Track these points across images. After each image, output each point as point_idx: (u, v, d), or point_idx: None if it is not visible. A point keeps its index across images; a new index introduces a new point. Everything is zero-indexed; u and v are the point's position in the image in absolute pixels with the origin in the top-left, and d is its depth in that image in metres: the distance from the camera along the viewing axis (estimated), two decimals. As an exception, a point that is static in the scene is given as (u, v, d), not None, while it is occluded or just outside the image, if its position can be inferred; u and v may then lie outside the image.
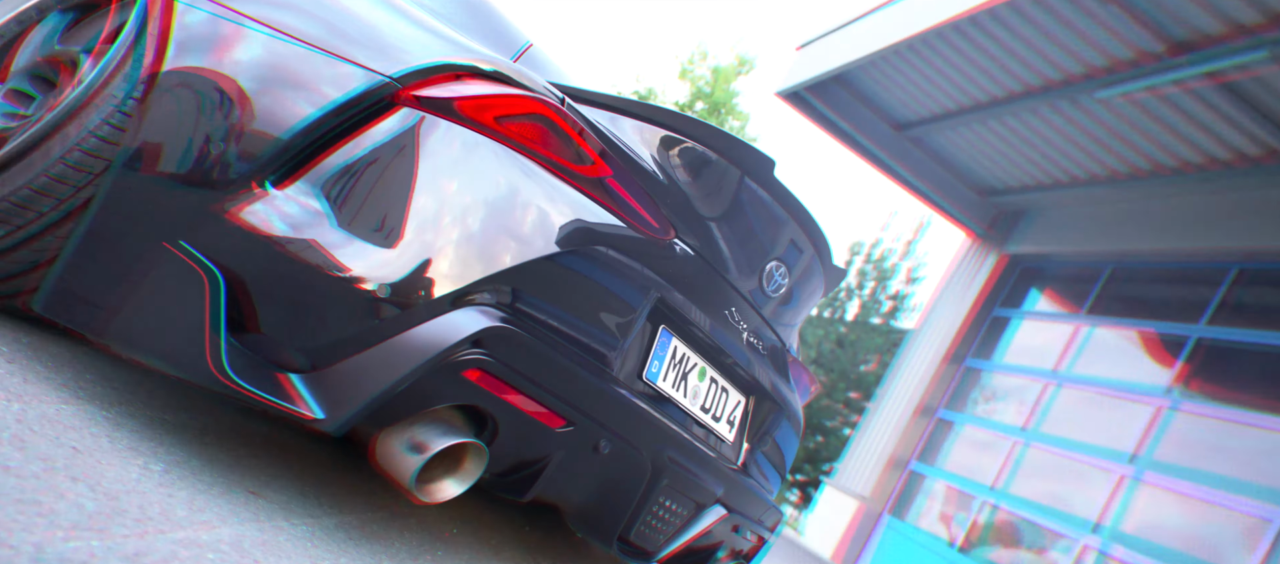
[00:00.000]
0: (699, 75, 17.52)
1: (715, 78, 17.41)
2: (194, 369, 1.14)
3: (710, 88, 17.35)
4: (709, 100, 17.28)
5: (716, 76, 17.41)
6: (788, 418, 1.92)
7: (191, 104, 1.24)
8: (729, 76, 17.38)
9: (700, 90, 17.41)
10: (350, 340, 1.17)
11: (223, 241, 1.18)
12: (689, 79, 17.51)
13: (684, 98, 17.38)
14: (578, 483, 1.46)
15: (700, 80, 17.47)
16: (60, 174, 1.19)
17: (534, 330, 1.29)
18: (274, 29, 1.33)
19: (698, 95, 17.39)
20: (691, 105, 17.35)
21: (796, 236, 1.79)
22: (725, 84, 17.31)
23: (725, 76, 17.36)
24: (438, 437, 1.21)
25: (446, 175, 1.26)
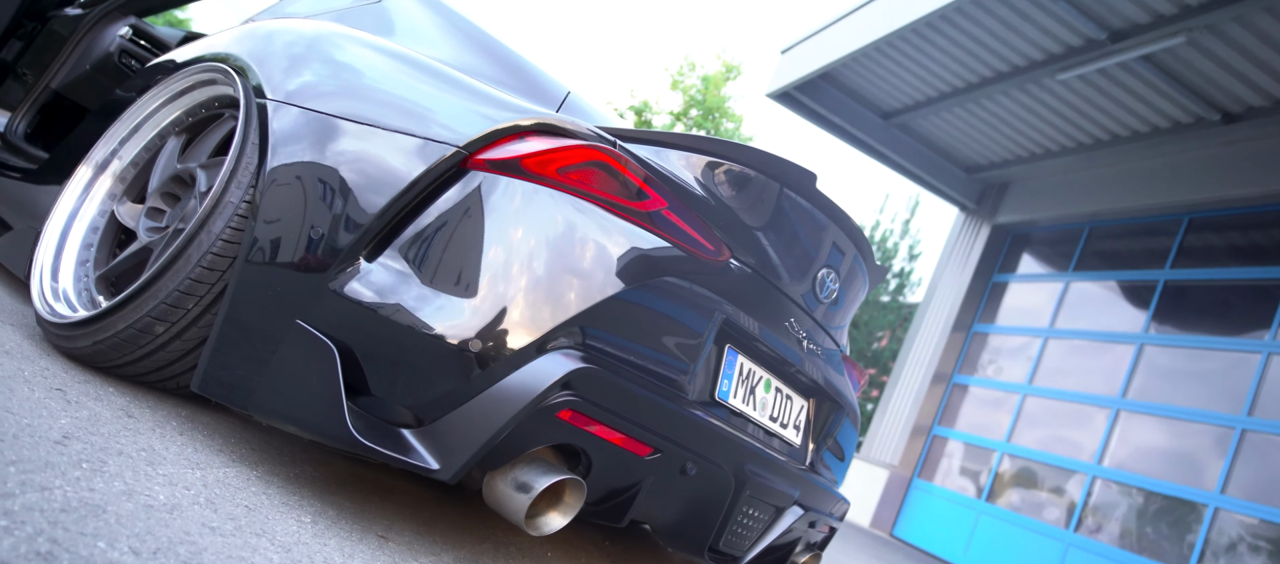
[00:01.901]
0: (690, 85, 18.12)
1: (706, 86, 18.02)
2: (329, 431, 1.24)
3: (702, 96, 17.97)
4: (702, 107, 17.91)
5: (707, 85, 18.01)
6: (847, 415, 2.01)
7: (293, 197, 1.40)
8: (718, 83, 17.99)
9: (693, 98, 18.02)
10: (450, 395, 1.25)
11: (332, 315, 1.30)
12: (680, 89, 18.13)
13: (678, 107, 17.99)
14: (668, 503, 1.54)
15: (691, 89, 18.08)
16: (199, 276, 1.39)
17: (614, 367, 1.35)
18: (349, 119, 1.46)
19: (691, 103, 18.00)
20: (686, 113, 17.97)
21: (840, 241, 1.86)
22: (716, 90, 17.92)
23: (715, 83, 17.97)
24: (540, 476, 1.28)
25: (518, 230, 1.33)
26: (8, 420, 1.07)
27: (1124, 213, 7.90)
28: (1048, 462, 7.33)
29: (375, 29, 1.96)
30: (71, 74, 2.74)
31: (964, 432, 8.55)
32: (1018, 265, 9.24)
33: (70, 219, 1.72)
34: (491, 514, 1.81)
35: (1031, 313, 8.61)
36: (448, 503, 1.73)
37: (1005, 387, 8.32)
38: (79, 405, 1.26)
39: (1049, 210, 8.78)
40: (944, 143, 9.51)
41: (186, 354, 1.45)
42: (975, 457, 8.20)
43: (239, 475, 1.29)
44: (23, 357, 1.38)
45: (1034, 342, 8.25)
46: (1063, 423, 7.47)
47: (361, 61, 1.67)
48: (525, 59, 1.95)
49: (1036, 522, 7.08)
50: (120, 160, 1.79)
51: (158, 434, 1.30)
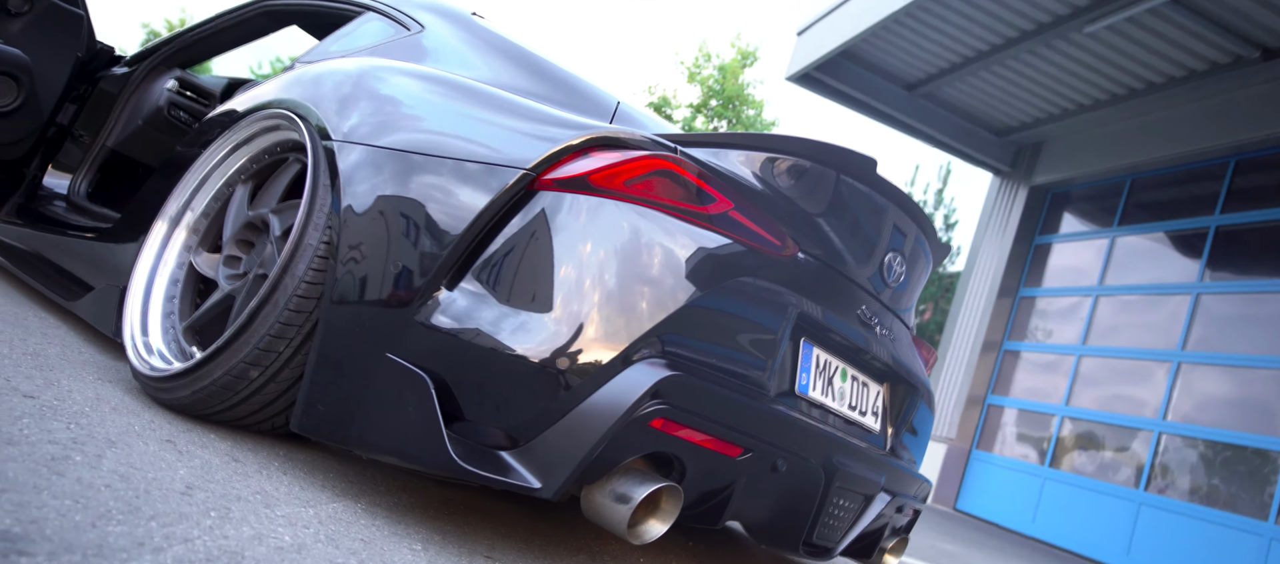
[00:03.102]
0: (707, 75, 18.09)
1: (723, 75, 17.96)
2: (432, 460, 1.26)
3: (720, 85, 17.92)
4: (721, 97, 17.86)
5: (724, 74, 17.95)
6: (922, 396, 2.01)
7: (370, 234, 1.42)
8: (735, 71, 17.93)
9: (711, 89, 17.98)
10: (543, 414, 1.27)
11: (421, 346, 1.32)
12: (698, 81, 18.10)
13: (697, 99, 17.97)
14: (760, 501, 1.55)
15: (709, 80, 18.04)
16: (287, 319, 1.42)
17: (698, 371, 1.36)
18: (415, 152, 1.48)
19: (710, 94, 17.96)
20: (705, 104, 17.94)
21: (901, 222, 1.85)
22: (733, 79, 17.86)
23: (732, 72, 17.90)
24: (637, 485, 1.29)
25: (592, 245, 1.34)
26: (135, 476, 1.11)
27: (1166, 161, 7.71)
28: (1110, 422, 7.19)
29: (421, 59, 1.99)
30: (125, 130, 2.82)
31: (1020, 398, 8.43)
32: (1059, 225, 9.07)
33: (152, 274, 1.78)
34: (583, 525, 1.84)
35: (1079, 272, 8.45)
36: (540, 518, 1.76)
37: (1058, 349, 8.18)
38: (190, 455, 1.30)
39: (1087, 166, 8.60)
40: (972, 108, 9.36)
41: (281, 395, 1.48)
42: (1034, 423, 8.08)
43: (346, 509, 1.33)
44: (129, 412, 1.43)
45: (1084, 301, 8.10)
46: (1122, 381, 7.33)
47: (416, 93, 1.70)
48: (569, 71, 1.97)
49: (1105, 483, 6.96)
50: (193, 212, 1.84)
51: (265, 476, 1.34)
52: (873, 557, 1.89)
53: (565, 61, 2.08)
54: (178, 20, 23.61)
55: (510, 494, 1.82)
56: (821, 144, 1.68)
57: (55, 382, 1.45)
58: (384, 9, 2.23)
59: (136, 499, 1.03)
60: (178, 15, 24.79)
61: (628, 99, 2.03)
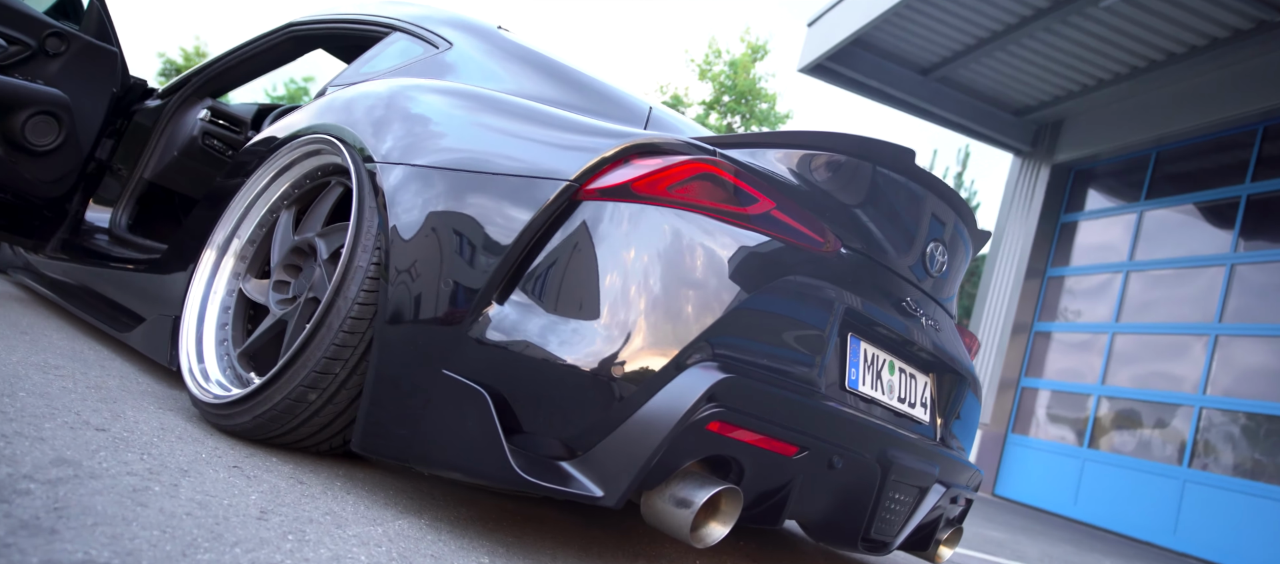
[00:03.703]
0: (718, 72, 18.07)
1: (734, 70, 17.93)
2: (494, 474, 1.27)
3: (732, 81, 17.89)
4: (733, 92, 17.83)
5: (735, 69, 17.93)
6: (968, 385, 2.00)
7: (419, 252, 1.43)
8: (746, 66, 17.89)
9: (723, 85, 17.96)
10: (601, 423, 1.27)
11: (476, 362, 1.34)
12: (709, 78, 18.08)
13: (709, 96, 17.96)
14: (818, 499, 1.55)
15: (720, 76, 18.02)
16: (342, 341, 1.44)
17: (750, 372, 1.37)
18: (457, 169, 1.50)
19: (723, 90, 17.94)
20: (718, 101, 17.92)
21: (939, 211, 1.84)
22: (744, 73, 17.82)
23: (743, 66, 17.87)
24: (697, 489, 1.29)
25: (639, 253, 1.34)
26: (212, 504, 1.14)
27: (1192, 132, 7.59)
28: (1149, 399, 7.09)
29: (452, 76, 2.01)
30: (161, 162, 2.87)
31: (1054, 380, 8.33)
32: (1085, 203, 8.96)
33: (204, 302, 1.81)
34: (637, 530, 1.84)
35: (1107, 249, 8.34)
36: (594, 525, 1.77)
37: (1091, 328, 8.08)
38: (258, 479, 1.33)
39: (1110, 142, 8.49)
40: (989, 89, 9.28)
41: (339, 416, 1.51)
42: (1070, 404, 7.98)
43: (412, 526, 1.34)
44: (194, 439, 1.46)
45: (1114, 278, 8.00)
46: (1159, 357, 7.22)
47: (452, 110, 1.72)
48: (599, 79, 1.98)
49: (1147, 462, 6.86)
50: (239, 239, 1.87)
51: (331, 496, 1.36)
52: (929, 549, 1.88)
53: (592, 69, 2.10)
54: (192, 48, 23.95)
55: (564, 503, 1.83)
56: (858, 138, 1.68)
57: (121, 413, 1.49)
58: (411, 28, 2.25)
59: (217, 526, 1.06)
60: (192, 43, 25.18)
61: (658, 104, 2.05)
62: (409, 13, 2.35)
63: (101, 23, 2.60)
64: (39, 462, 1.09)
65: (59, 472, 1.07)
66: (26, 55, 2.40)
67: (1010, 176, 9.97)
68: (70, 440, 1.22)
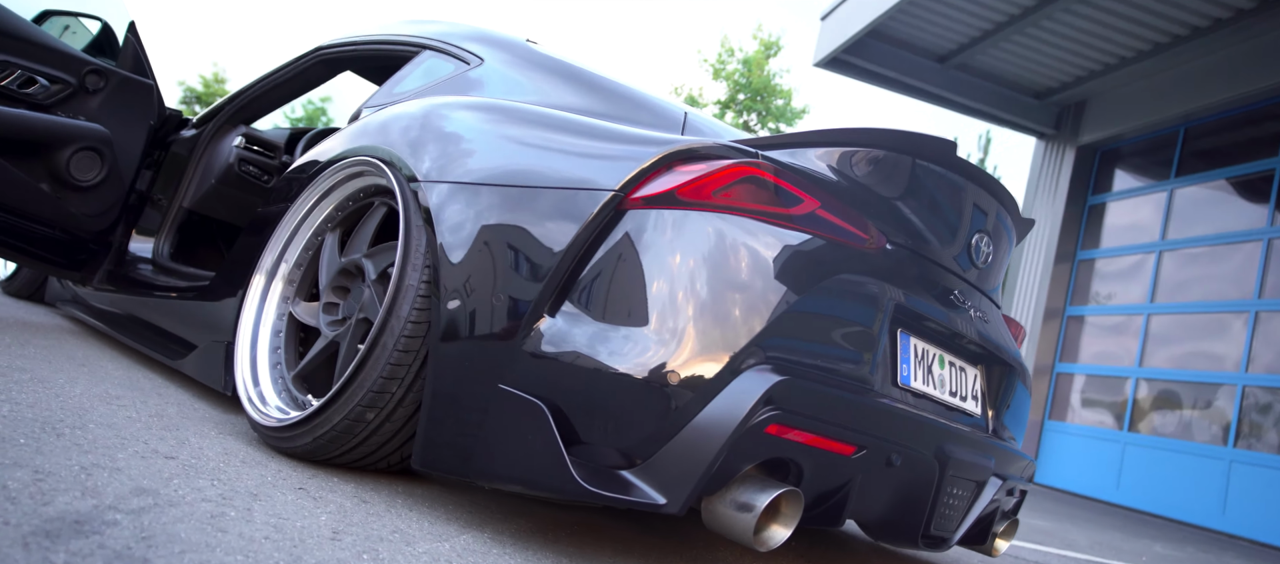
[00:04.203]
0: (732, 71, 18.04)
1: (748, 68, 17.90)
2: (557, 486, 1.28)
3: (747, 79, 17.85)
4: (748, 90, 17.79)
5: (749, 66, 17.89)
6: (1018, 375, 1.98)
7: (469, 269, 1.45)
8: (760, 63, 17.84)
9: (738, 84, 17.92)
10: (659, 431, 1.27)
11: (531, 375, 1.35)
12: (724, 77, 18.06)
13: (724, 95, 17.93)
14: (877, 497, 1.55)
15: (735, 74, 17.99)
16: (397, 360, 1.45)
17: (805, 373, 1.37)
18: (501, 184, 1.51)
19: (738, 88, 17.91)
20: (733, 99, 17.89)
21: (982, 201, 1.83)
22: (759, 70, 17.78)
23: (757, 64, 17.82)
24: (758, 493, 1.29)
25: (687, 259, 1.34)
26: (286, 526, 1.15)
27: (1220, 106, 7.46)
28: (1189, 379, 6.97)
29: (486, 91, 2.03)
30: (199, 190, 2.92)
31: (1089, 364, 8.22)
32: (1112, 183, 8.84)
33: (255, 326, 1.84)
34: (692, 535, 1.85)
35: (1138, 229, 8.22)
36: (650, 531, 1.78)
37: (1125, 310, 7.96)
38: (324, 500, 1.35)
39: (1135, 120, 8.37)
40: (1009, 73, 9.18)
41: (396, 434, 1.52)
42: (1107, 388, 7.87)
43: (476, 540, 1.36)
44: (258, 463, 1.48)
45: (1147, 258, 7.88)
46: (1197, 336, 7.10)
47: (490, 126, 1.74)
48: (632, 86, 1.98)
49: (1190, 444, 6.75)
50: (287, 263, 1.89)
51: (396, 514, 1.38)
52: (986, 543, 1.86)
53: (622, 76, 2.11)
54: (211, 75, 24.31)
55: (617, 511, 1.84)
56: (898, 132, 1.67)
57: (186, 440, 1.51)
58: (440, 46, 2.28)
59: (295, 549, 1.07)
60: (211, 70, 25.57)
61: (692, 109, 2.05)
62: (437, 30, 2.37)
63: (137, 57, 2.66)
64: (120, 492, 1.11)
65: (140, 501, 1.09)
66: (68, 93, 2.46)
67: (1034, 160, 9.86)
68: (144, 470, 1.25)
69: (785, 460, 1.37)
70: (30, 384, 1.65)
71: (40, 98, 2.39)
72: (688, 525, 1.93)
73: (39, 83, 2.38)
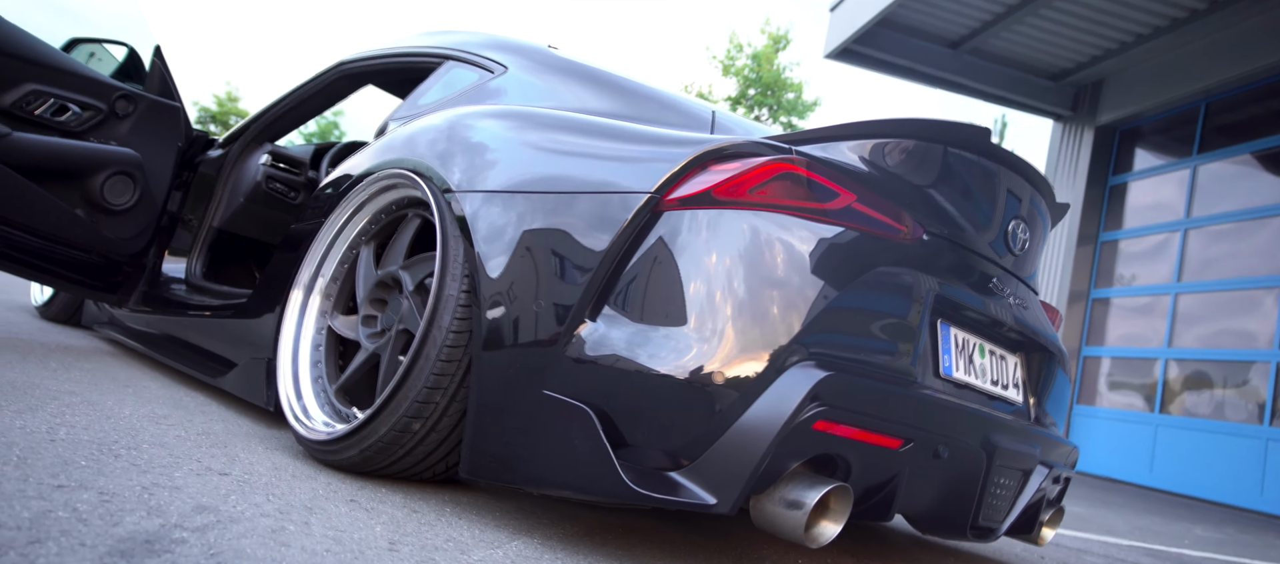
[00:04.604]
0: (742, 66, 17.99)
1: (758, 63, 17.85)
2: (606, 489, 1.28)
3: (756, 73, 17.80)
4: (758, 85, 17.74)
5: (758, 61, 17.84)
6: (1058, 361, 1.97)
7: (508, 277, 1.46)
8: (769, 57, 17.79)
9: (748, 79, 17.88)
10: (706, 431, 1.27)
11: (575, 380, 1.35)
12: (733, 73, 18.02)
13: (734, 91, 17.89)
14: (925, 490, 1.54)
15: (744, 70, 17.95)
16: (440, 370, 1.47)
17: (849, 368, 1.37)
18: (535, 191, 1.52)
19: (748, 84, 17.86)
20: (744, 95, 17.85)
21: (1016, 187, 1.82)
22: (768, 65, 17.73)
23: (766, 58, 17.77)
24: (807, 490, 1.29)
25: (725, 258, 1.34)
26: (344, 538, 1.17)
27: (1241, 79, 7.35)
28: (1220, 358, 6.88)
29: (512, 99, 2.03)
30: (229, 209, 2.96)
31: (1116, 346, 8.13)
32: (1133, 163, 8.74)
33: (295, 342, 1.86)
34: (736, 533, 1.85)
35: (1162, 208, 8.12)
36: (694, 531, 1.78)
37: (1151, 290, 7.87)
38: (376, 511, 1.36)
39: (1155, 97, 8.27)
40: (1023, 56, 9.10)
41: (441, 444, 1.54)
42: (1136, 370, 7.78)
43: (527, 546, 1.36)
44: (307, 477, 1.50)
45: (1172, 237, 7.78)
46: (1227, 314, 7.01)
47: (520, 133, 1.74)
48: (657, 88, 1.98)
49: (1225, 423, 6.66)
50: (323, 277, 1.91)
51: (447, 523, 1.39)
52: (1033, 532, 1.85)
53: (646, 78, 2.11)
54: (225, 93, 24.57)
55: (661, 512, 1.85)
56: (931, 122, 1.67)
57: (236, 456, 1.53)
58: (463, 56, 2.29)
59: (356, 561, 1.09)
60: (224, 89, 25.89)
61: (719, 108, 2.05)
62: (458, 41, 2.39)
63: (164, 80, 2.69)
64: (183, 510, 1.13)
65: (203, 519, 1.11)
66: (99, 119, 2.49)
67: (1052, 143, 9.77)
68: (201, 487, 1.26)
69: (832, 456, 1.37)
70: (81, 407, 1.67)
71: (73, 125, 2.43)
72: (731, 524, 1.93)
73: (71, 110, 2.42)
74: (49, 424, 1.46)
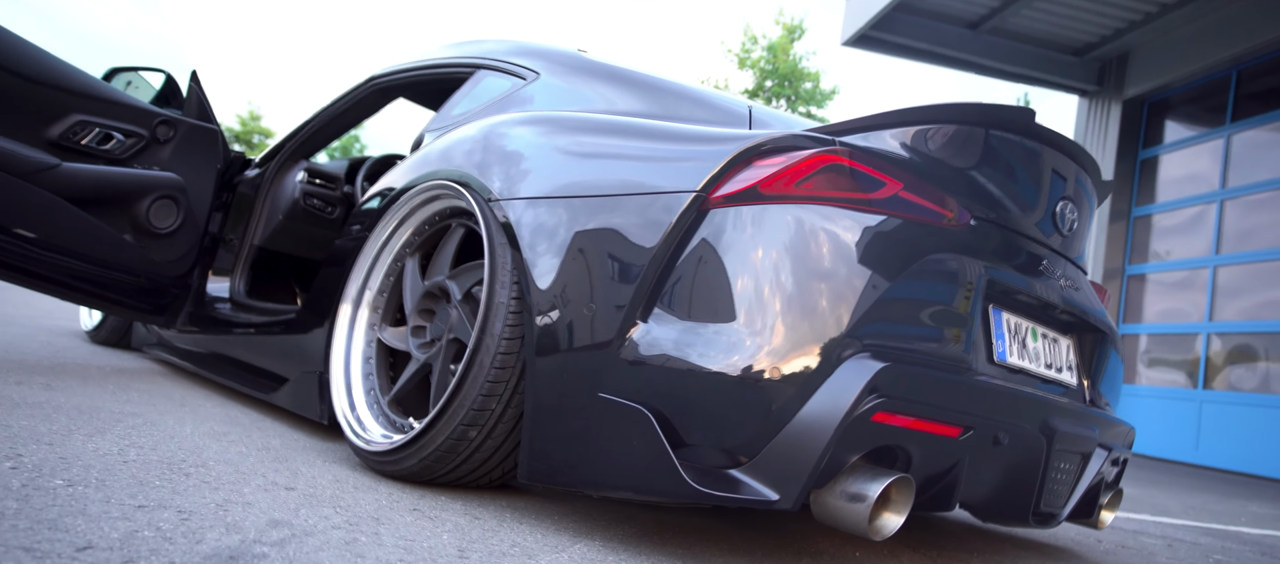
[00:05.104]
0: (757, 58, 17.91)
1: (773, 54, 17.76)
2: (668, 489, 1.29)
3: (772, 65, 17.70)
4: (775, 76, 17.64)
5: (774, 53, 17.75)
6: (1110, 341, 1.95)
7: (558, 282, 1.47)
8: (784, 48, 17.69)
9: (764, 71, 17.79)
10: (765, 427, 1.27)
11: (630, 381, 1.36)
12: (749, 65, 17.94)
13: (751, 83, 17.81)
14: (986, 478, 1.54)
15: (760, 62, 17.86)
16: (494, 377, 1.49)
17: (905, 358, 1.36)
18: (580, 195, 1.53)
19: (764, 76, 17.77)
20: (762, 86, 17.76)
21: (1062, 167, 1.80)
22: (784, 56, 17.63)
23: (781, 49, 17.68)
24: (869, 482, 1.29)
25: (775, 253, 1.34)
26: (415, 547, 1.18)
27: (1273, 45, 7.19)
28: (1265, 330, 6.73)
29: (547, 104, 2.04)
30: (268, 227, 3.00)
31: (1155, 323, 7.99)
32: (1163, 135, 8.58)
33: (347, 355, 1.88)
34: (792, 528, 1.85)
35: (1196, 179, 7.97)
36: (748, 527, 1.78)
37: (1189, 264, 7.72)
38: (440, 519, 1.37)
39: (1183, 68, 8.11)
40: (1045, 33, 8.97)
41: (498, 450, 1.55)
42: (1176, 346, 7.64)
43: (590, 548, 1.37)
44: (369, 488, 1.52)
45: (1208, 209, 7.63)
46: (1270, 285, 6.85)
47: (560, 138, 1.75)
48: (690, 86, 1.98)
49: (1272, 396, 6.52)
50: (371, 290, 1.94)
51: (509, 529, 1.40)
52: (1093, 516, 1.83)
53: (679, 77, 2.11)
54: (247, 113, 24.93)
55: (716, 510, 1.85)
56: (975, 106, 1.66)
57: (298, 470, 1.56)
58: (494, 64, 2.30)
59: (431, 568, 1.10)
60: (247, 109, 26.30)
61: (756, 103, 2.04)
62: (488, 49, 2.40)
63: (201, 104, 2.74)
64: (258, 525, 1.15)
65: (278, 533, 1.13)
66: (142, 146, 2.54)
67: (1078, 119, 9.62)
68: (271, 502, 1.29)
69: (892, 447, 1.36)
70: (145, 427, 1.71)
71: (117, 152, 2.48)
72: (786, 520, 1.93)
73: (115, 138, 2.47)
74: (119, 446, 1.50)
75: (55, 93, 2.34)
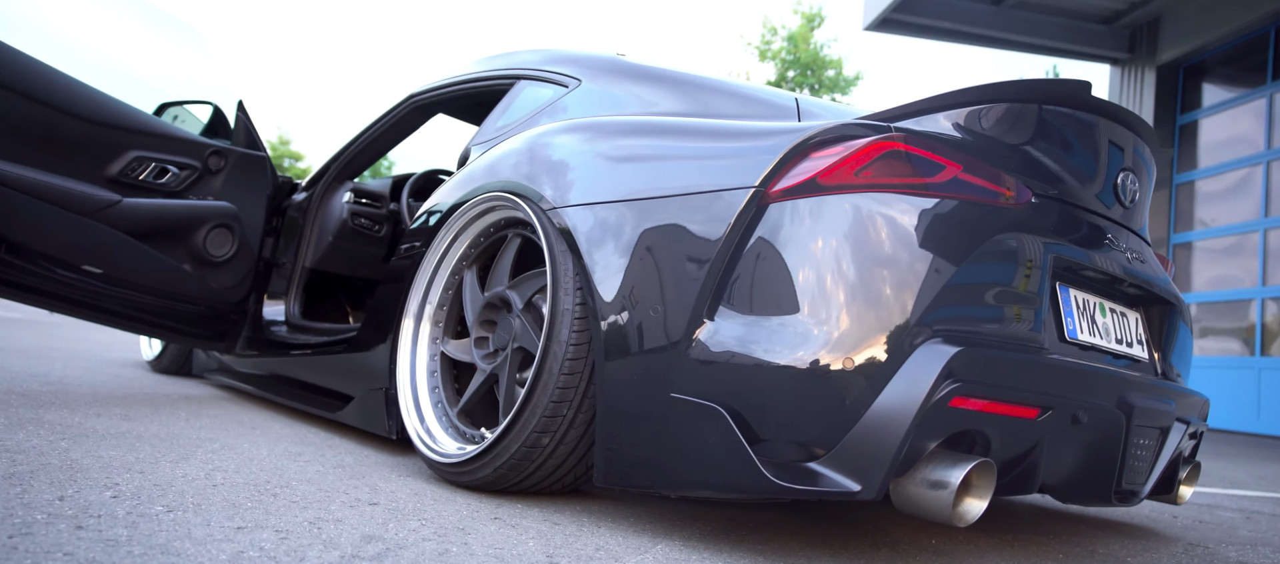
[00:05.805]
0: (778, 49, 17.78)
1: (794, 44, 17.63)
2: (748, 486, 1.29)
3: (793, 55, 17.58)
4: (797, 65, 17.52)
5: (794, 42, 17.62)
6: (1178, 312, 1.94)
7: (623, 286, 1.47)
8: (805, 37, 17.55)
9: (786, 61, 17.66)
10: (841, 419, 1.27)
11: (701, 380, 1.36)
12: (770, 57, 17.83)
13: (773, 75, 17.69)
14: (1066, 458, 1.52)
15: (780, 52, 17.74)
16: (564, 384, 1.50)
17: (978, 341, 1.35)
18: (638, 199, 1.54)
19: (786, 66, 17.65)
20: (784, 76, 17.63)
21: (1119, 137, 1.78)
22: (805, 45, 17.50)
23: (802, 38, 17.54)
24: (950, 469, 1.28)
25: (837, 243, 1.34)
26: (506, 555, 1.20)
27: (1315, -3, 6.99)
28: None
29: (591, 110, 2.05)
30: (319, 249, 3.06)
31: (1206, 291, 7.80)
32: (1201, 99, 8.37)
33: (412, 370, 1.91)
34: (865, 519, 1.84)
35: (1239, 142, 7.77)
36: (821, 520, 1.78)
37: (1237, 229, 7.53)
38: (522, 527, 1.39)
39: (1219, 28, 7.91)
40: (1071, 3, 8.81)
41: (570, 456, 1.57)
42: (1230, 313, 7.45)
43: (671, 548, 1.38)
44: (447, 499, 1.54)
45: (1254, 171, 7.43)
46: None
47: (611, 142, 1.77)
48: (734, 83, 1.98)
49: (1334, 359, 6.32)
50: (431, 304, 1.97)
51: (589, 532, 1.42)
52: (1172, 491, 1.80)
53: (721, 74, 2.10)
54: (277, 138, 25.36)
55: (789, 504, 1.85)
56: (1029, 82, 1.65)
57: (376, 486, 1.59)
58: (535, 74, 2.32)
59: (526, 575, 1.11)
60: (276, 134, 26.74)
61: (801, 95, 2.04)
62: (527, 59, 2.42)
63: (248, 133, 2.80)
64: (353, 541, 1.18)
65: (374, 548, 1.15)
66: (195, 177, 2.61)
67: (1111, 89, 9.43)
68: (360, 518, 1.31)
69: (970, 432, 1.35)
70: (224, 452, 1.75)
71: (173, 185, 2.55)
72: (860, 511, 1.92)
73: (170, 172, 2.53)
74: (205, 471, 1.54)
75: (112, 131, 2.41)
